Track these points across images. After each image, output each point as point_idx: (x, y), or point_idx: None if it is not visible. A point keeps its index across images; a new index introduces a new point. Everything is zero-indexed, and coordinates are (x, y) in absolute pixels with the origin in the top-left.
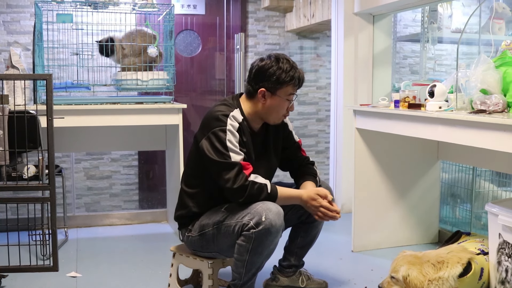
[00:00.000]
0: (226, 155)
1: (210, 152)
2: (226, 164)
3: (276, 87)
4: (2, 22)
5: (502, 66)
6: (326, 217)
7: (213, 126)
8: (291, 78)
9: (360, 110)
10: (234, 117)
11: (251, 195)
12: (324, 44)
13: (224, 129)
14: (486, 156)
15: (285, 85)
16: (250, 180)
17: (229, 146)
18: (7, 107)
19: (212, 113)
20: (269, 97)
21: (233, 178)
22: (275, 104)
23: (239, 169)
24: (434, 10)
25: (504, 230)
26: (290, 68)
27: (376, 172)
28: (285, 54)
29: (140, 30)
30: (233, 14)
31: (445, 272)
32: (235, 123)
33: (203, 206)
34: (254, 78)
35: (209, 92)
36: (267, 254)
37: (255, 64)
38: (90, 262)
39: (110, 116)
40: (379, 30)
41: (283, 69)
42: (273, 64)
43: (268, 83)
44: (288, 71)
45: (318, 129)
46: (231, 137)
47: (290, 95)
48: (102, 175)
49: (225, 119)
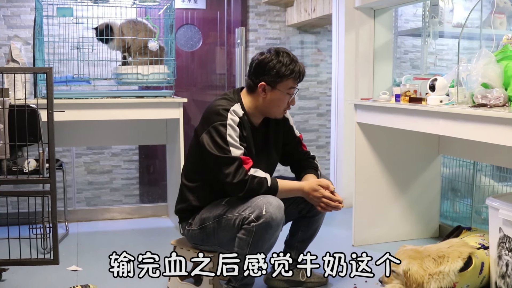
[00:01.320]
0: (226, 149)
1: (211, 147)
2: (226, 159)
3: (276, 81)
4: (3, 16)
5: (503, 60)
6: (329, 207)
7: (214, 120)
8: (291, 71)
9: (361, 104)
10: (235, 111)
11: (251, 189)
12: (325, 39)
13: (224, 124)
14: (487, 150)
15: (285, 78)
16: (250, 174)
17: (229, 140)
18: (8, 100)
19: (212, 107)
20: (269, 91)
21: (233, 172)
22: (276, 98)
23: (239, 164)
24: (435, 4)
25: (505, 224)
26: (290, 61)
27: (377, 166)
28: (285, 48)
29: (141, 21)
30: (234, 9)
31: (446, 267)
32: (235, 117)
33: (204, 200)
34: (254, 72)
35: (209, 86)
36: (267, 248)
37: (255, 58)
38: (90, 256)
39: (111, 110)
40: (380, 24)
41: (283, 62)
42: (273, 57)
43: (268, 77)
44: (288, 65)
45: (319, 124)
46: (232, 132)
47: (291, 89)
48: (103, 169)
49: (225, 114)
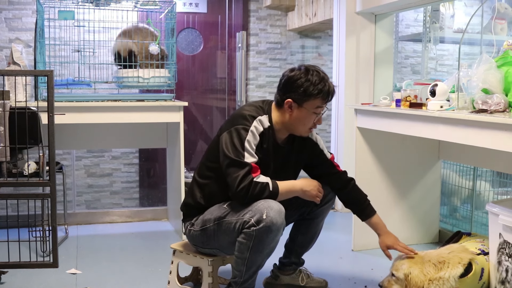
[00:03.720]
0: (241, 153)
1: (227, 147)
2: (238, 162)
3: (303, 99)
4: (4, 19)
5: (504, 65)
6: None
7: (238, 123)
8: (319, 91)
9: (361, 109)
10: (261, 121)
11: (254, 195)
12: (325, 43)
13: (247, 129)
14: (487, 156)
15: (312, 97)
16: (254, 181)
17: (246, 146)
18: (8, 103)
19: (241, 111)
20: (296, 109)
21: (241, 177)
22: (302, 116)
23: (248, 170)
24: (436, 10)
25: (505, 230)
26: (319, 81)
27: (377, 171)
28: (317, 66)
29: (142, 27)
30: (235, 13)
31: (446, 272)
32: (260, 126)
33: (209, 199)
34: (282, 88)
35: (210, 90)
36: (267, 252)
37: (285, 73)
38: (90, 259)
39: (111, 113)
40: (381, 29)
41: (311, 81)
42: (301, 75)
43: (295, 95)
44: (317, 84)
45: (319, 128)
46: (251, 138)
47: (318, 108)
48: (103, 172)
49: (251, 120)
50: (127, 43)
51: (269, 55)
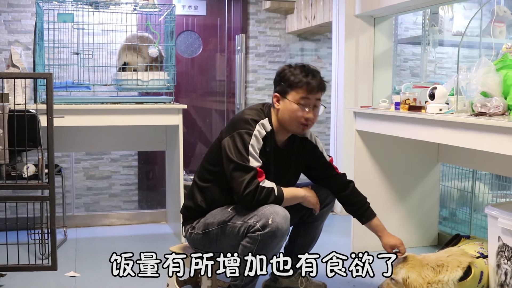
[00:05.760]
0: (245, 158)
1: (231, 151)
2: (243, 167)
3: (285, 91)
4: (3, 21)
5: (503, 69)
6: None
7: (241, 127)
8: (299, 80)
9: (360, 112)
10: (263, 125)
11: (260, 200)
12: (325, 46)
13: (250, 133)
14: (486, 159)
15: (294, 87)
16: (260, 186)
17: (250, 150)
18: (7, 105)
19: (242, 115)
20: (282, 101)
21: (247, 182)
22: (287, 109)
23: (254, 174)
24: (435, 13)
25: (504, 233)
26: (301, 72)
27: (376, 174)
28: (308, 64)
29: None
30: (234, 16)
31: (445, 276)
32: (262, 130)
33: (210, 203)
34: (274, 86)
35: (209, 93)
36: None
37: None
38: (89, 262)
39: (110, 116)
40: (380, 32)
41: (293, 72)
42: (285, 68)
43: (280, 87)
44: (298, 75)
45: (318, 131)
46: (255, 142)
47: (303, 99)
48: (102, 175)
49: (254, 124)
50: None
51: (268, 57)
